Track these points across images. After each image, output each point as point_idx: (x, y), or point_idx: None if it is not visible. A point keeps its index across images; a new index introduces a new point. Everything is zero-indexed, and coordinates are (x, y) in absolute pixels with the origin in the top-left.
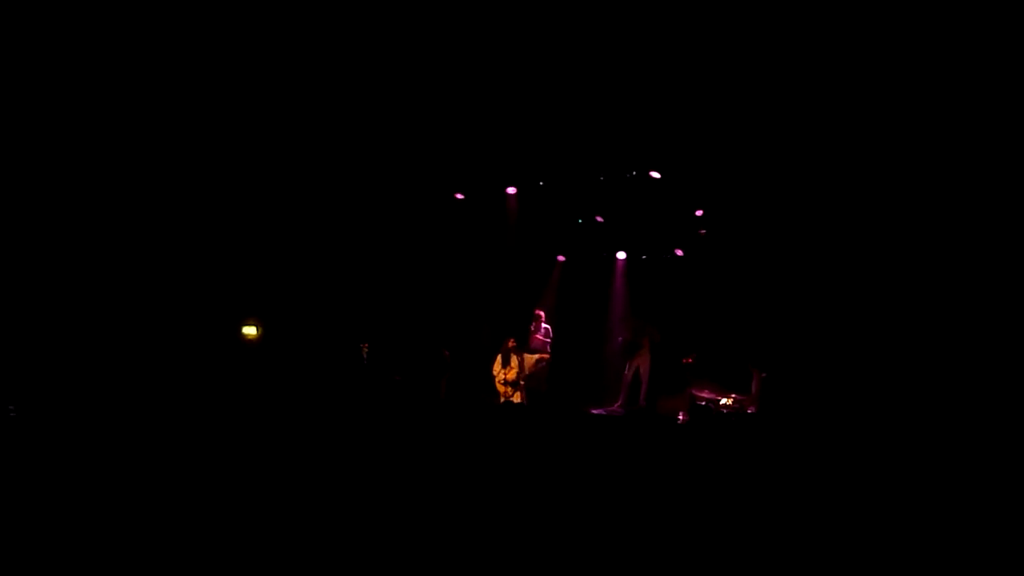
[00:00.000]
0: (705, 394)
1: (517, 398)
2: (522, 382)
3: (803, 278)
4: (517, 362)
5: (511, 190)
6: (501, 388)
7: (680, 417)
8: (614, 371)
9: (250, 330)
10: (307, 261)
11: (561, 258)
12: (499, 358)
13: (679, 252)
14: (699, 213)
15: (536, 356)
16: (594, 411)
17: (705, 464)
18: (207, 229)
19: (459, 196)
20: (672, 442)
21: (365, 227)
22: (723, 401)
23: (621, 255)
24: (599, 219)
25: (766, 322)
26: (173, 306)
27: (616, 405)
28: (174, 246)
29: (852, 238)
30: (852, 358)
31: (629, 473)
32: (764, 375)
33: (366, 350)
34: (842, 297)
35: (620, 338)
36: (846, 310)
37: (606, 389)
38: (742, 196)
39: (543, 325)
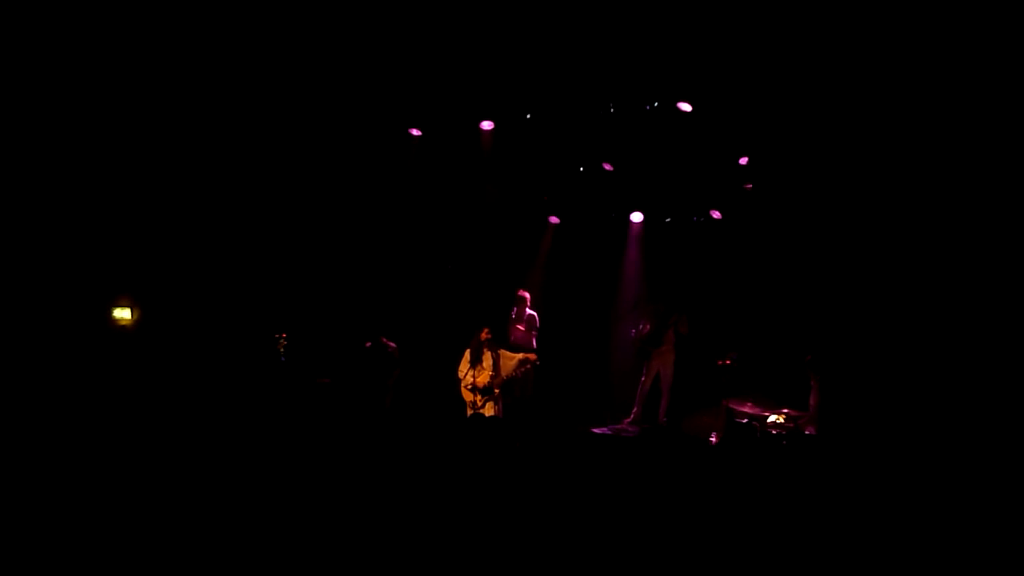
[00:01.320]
0: (747, 409)
1: (490, 410)
2: (497, 389)
3: (887, 254)
4: (491, 361)
5: (486, 125)
6: (469, 396)
7: (713, 439)
8: (624, 376)
9: (122, 313)
10: (200, 221)
11: (554, 220)
12: (467, 355)
13: (715, 214)
14: (744, 161)
15: (518, 355)
16: (596, 431)
17: (747, 505)
18: (65, 187)
19: (414, 132)
20: (702, 473)
21: (277, 172)
22: (772, 419)
23: (636, 217)
24: (607, 167)
25: (833, 312)
26: (28, 285)
27: (626, 422)
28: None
29: (952, 194)
30: (959, 362)
31: (644, 519)
32: (827, 383)
33: (283, 343)
34: (945, 277)
35: (633, 331)
36: (950, 294)
37: (613, 401)
38: (802, 138)
39: (528, 312)
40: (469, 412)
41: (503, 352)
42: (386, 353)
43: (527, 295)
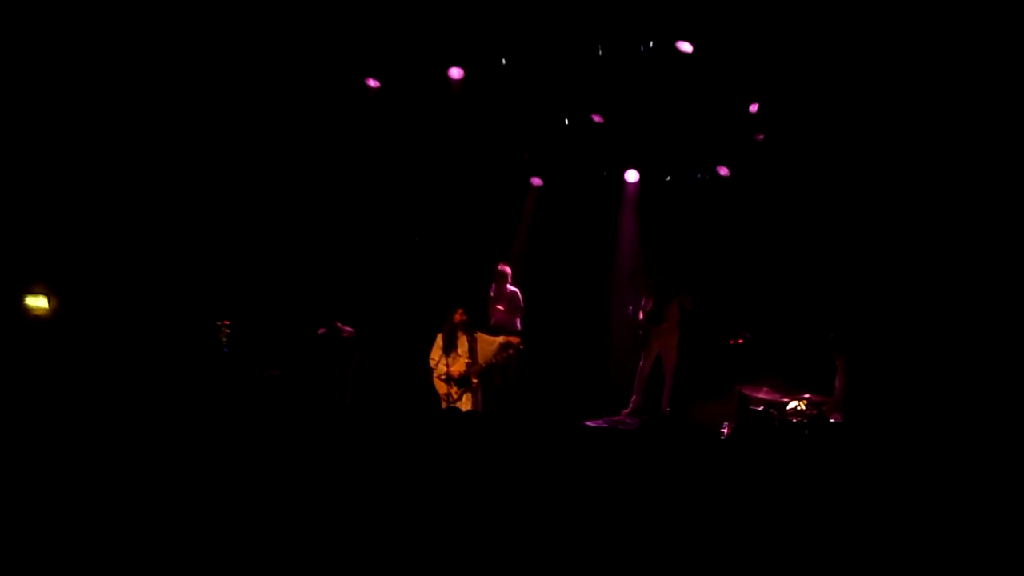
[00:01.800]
0: (763, 395)
1: (467, 403)
2: (475, 378)
3: (922, 213)
4: (467, 347)
5: (455, 73)
6: (442, 387)
7: (724, 430)
8: (622, 361)
9: (37, 301)
10: (125, 193)
11: (537, 182)
12: (439, 341)
13: (723, 171)
14: (754, 108)
15: (498, 339)
16: (590, 424)
17: (763, 506)
18: None
19: (372, 83)
20: (712, 470)
21: (212, 131)
22: (791, 405)
23: (631, 176)
24: (596, 119)
25: (861, 283)
26: None
27: (625, 413)
28: None
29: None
30: (1008, 340)
31: (645, 523)
32: (854, 364)
33: (226, 331)
34: (993, 237)
35: (631, 308)
36: (998, 259)
37: (609, 389)
38: (821, 78)
39: (509, 288)
40: (443, 406)
41: (481, 336)
42: (343, 340)
43: (508, 269)
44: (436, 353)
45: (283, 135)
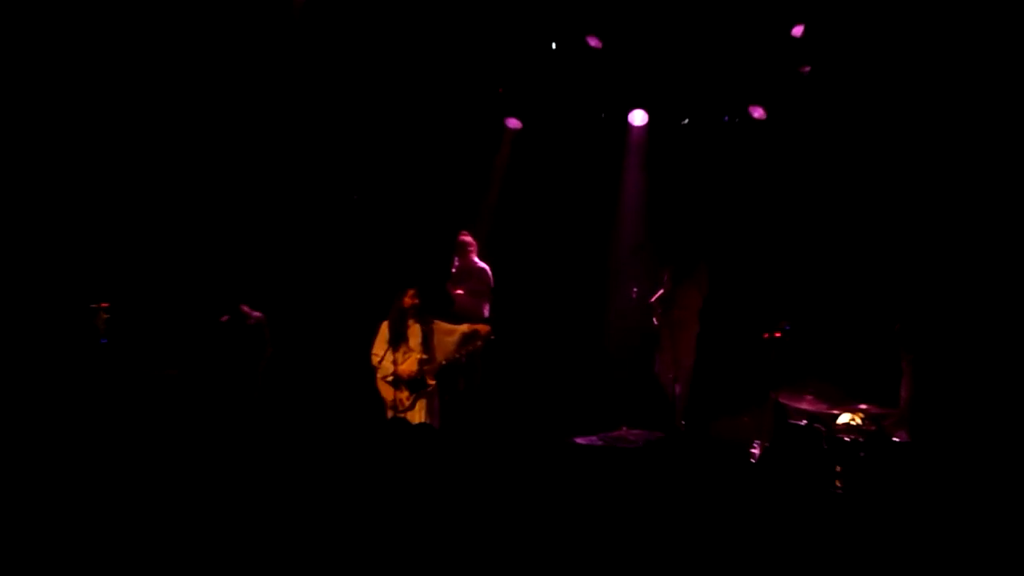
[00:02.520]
0: (807, 405)
1: (420, 412)
2: (432, 379)
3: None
4: (421, 339)
5: None
6: (388, 392)
7: (755, 450)
8: (621, 359)
9: None
10: None
11: (514, 124)
12: (384, 331)
13: (757, 112)
14: (798, 31)
15: (460, 327)
16: (581, 441)
17: (805, 547)
18: None
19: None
20: (739, 501)
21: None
22: (843, 419)
23: (638, 118)
24: (592, 43)
25: (936, 261)
26: None
27: (623, 429)
28: None
29: None
30: None
31: (651, 571)
32: (927, 365)
33: (104, 316)
34: None
35: (634, 290)
36: None
37: (604, 395)
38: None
39: (476, 264)
40: (388, 415)
41: (439, 325)
42: (249, 329)
43: (472, 240)
44: (380, 347)
45: (177, 55)
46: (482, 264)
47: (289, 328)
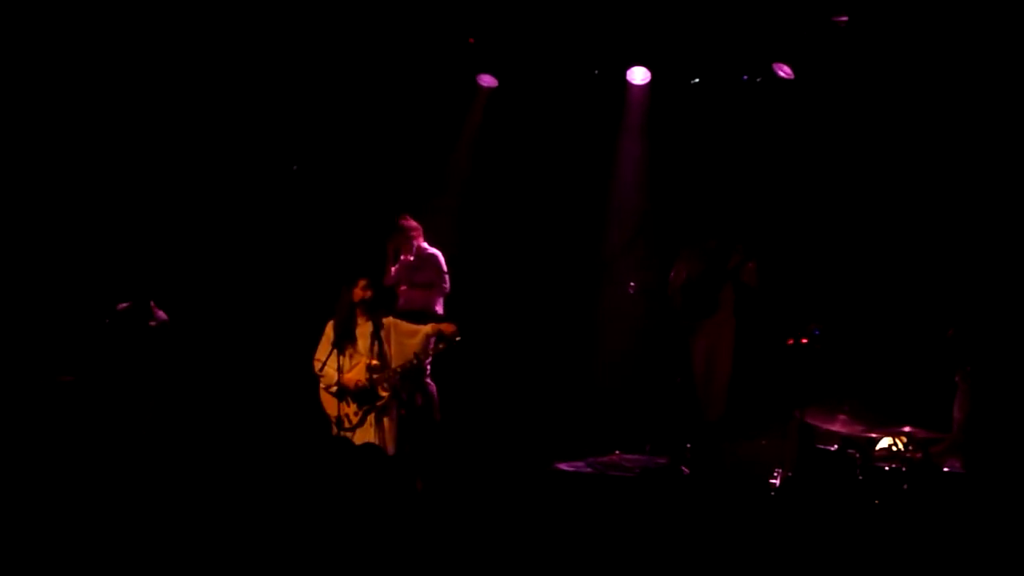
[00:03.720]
0: (839, 426)
1: (368, 431)
2: (385, 391)
3: None
4: (371, 340)
5: None
6: (332, 405)
7: (776, 480)
8: (615, 369)
9: None
10: None
11: (487, 81)
12: (329, 331)
13: (783, 71)
14: None
15: (424, 328)
16: (565, 467)
17: None
18: None
19: None
20: (758, 539)
21: None
22: (883, 444)
23: (638, 76)
24: None
25: (998, 255)
26: None
27: (616, 454)
28: None
29: None
30: None
31: None
32: (986, 380)
33: None
34: None
35: (632, 285)
36: None
37: (595, 413)
38: None
39: (425, 249)
40: (334, 432)
41: (397, 324)
42: (151, 331)
43: (416, 224)
44: (324, 351)
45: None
46: (432, 250)
47: (206, 329)
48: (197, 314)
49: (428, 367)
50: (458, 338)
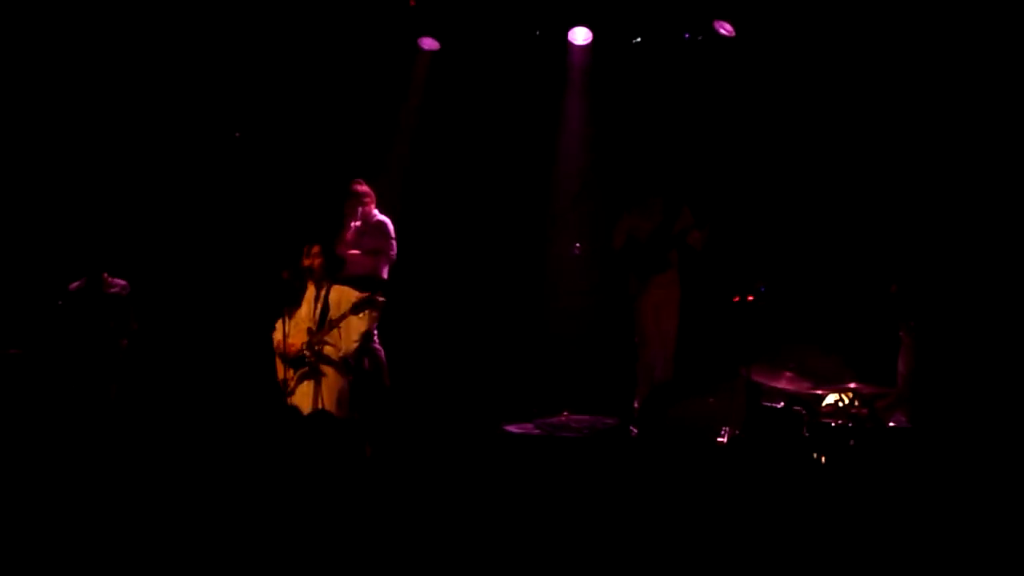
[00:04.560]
0: (784, 383)
1: (305, 395)
2: (312, 349)
3: None
4: (311, 306)
5: None
6: (280, 372)
7: (723, 437)
8: (561, 331)
9: None
10: None
11: (429, 43)
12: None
13: (723, 28)
14: None
15: (358, 295)
16: (513, 429)
17: (783, 554)
18: None
19: None
20: (705, 498)
21: None
22: (829, 399)
23: (579, 36)
24: None
25: (942, 206)
26: None
27: (564, 415)
28: None
29: None
30: None
31: None
32: (929, 334)
33: None
34: None
35: (577, 246)
36: None
37: (541, 374)
38: None
39: (375, 216)
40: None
41: (339, 289)
42: (109, 299)
43: (369, 190)
44: (279, 330)
45: None
46: (382, 216)
47: (161, 298)
48: (150, 285)
49: (375, 333)
50: (382, 301)
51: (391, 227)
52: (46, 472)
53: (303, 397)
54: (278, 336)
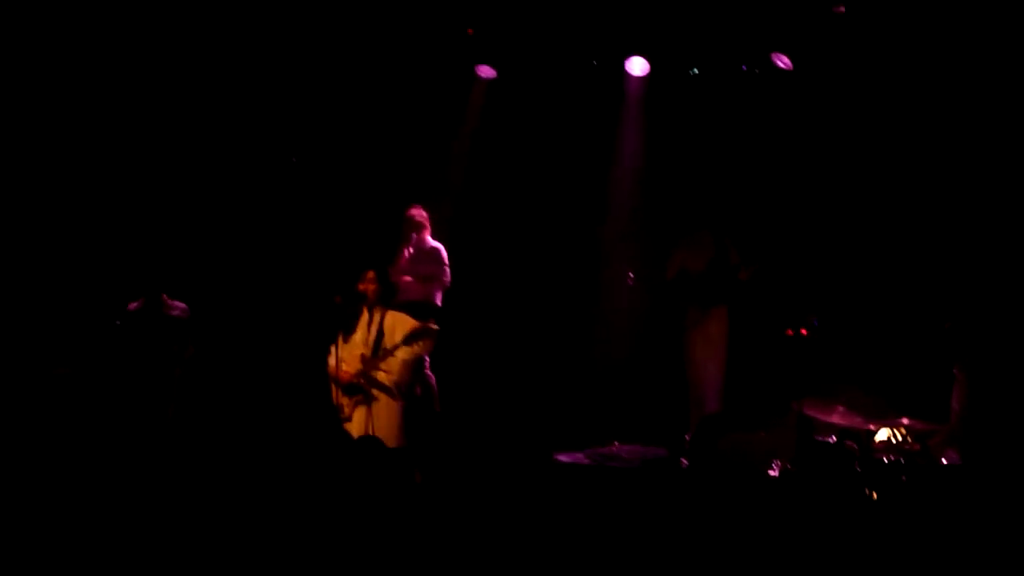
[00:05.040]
0: (836, 418)
1: (359, 422)
2: (367, 376)
3: None
4: (367, 332)
5: None
6: (335, 398)
7: (774, 472)
8: (613, 359)
9: None
10: None
11: (486, 72)
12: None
13: (782, 61)
14: None
15: (412, 323)
16: (563, 458)
17: None
18: None
19: None
20: (755, 531)
21: None
22: (881, 435)
23: (637, 67)
24: None
25: (999, 244)
26: None
27: (615, 444)
28: None
29: None
30: None
31: None
32: (983, 372)
33: None
34: None
35: (631, 275)
36: None
37: (593, 403)
38: None
39: (429, 243)
40: (343, 423)
41: (395, 316)
42: (168, 322)
43: (424, 214)
44: (334, 354)
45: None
46: (435, 243)
47: (219, 322)
48: (207, 308)
49: (427, 359)
50: (435, 329)
51: (444, 253)
52: (97, 491)
53: (356, 423)
54: (332, 361)
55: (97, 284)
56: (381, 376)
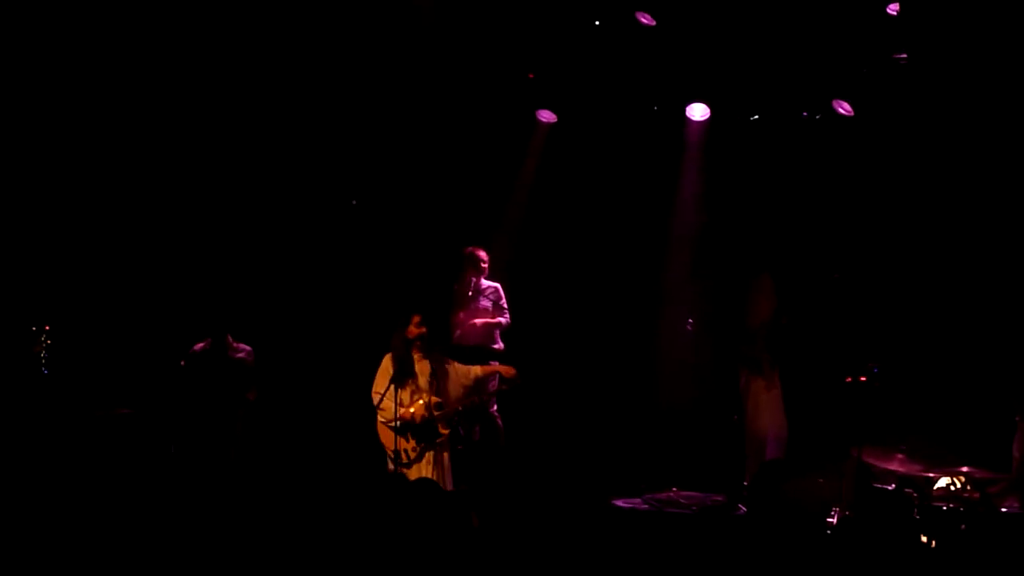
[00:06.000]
0: (896, 466)
1: (426, 466)
2: (445, 429)
3: None
4: (429, 378)
5: None
6: (391, 440)
7: (832, 519)
8: (673, 405)
9: None
10: None
11: (547, 117)
12: (386, 364)
13: (843, 108)
14: (894, 9)
15: (475, 368)
16: (621, 503)
17: None
18: None
19: None
20: None
21: None
22: (941, 483)
23: (697, 112)
24: (643, 20)
25: None
26: None
27: (672, 490)
28: None
29: None
30: None
31: None
32: None
33: (45, 343)
34: None
35: (690, 322)
36: None
37: (651, 450)
38: None
39: (486, 284)
40: (390, 468)
41: (452, 364)
42: (233, 364)
43: (484, 255)
44: (382, 383)
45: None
46: (493, 284)
47: (279, 363)
48: (271, 351)
49: (494, 402)
50: (519, 382)
51: (503, 294)
52: (159, 532)
53: (423, 466)
54: (389, 404)
55: (163, 324)
56: (440, 420)
